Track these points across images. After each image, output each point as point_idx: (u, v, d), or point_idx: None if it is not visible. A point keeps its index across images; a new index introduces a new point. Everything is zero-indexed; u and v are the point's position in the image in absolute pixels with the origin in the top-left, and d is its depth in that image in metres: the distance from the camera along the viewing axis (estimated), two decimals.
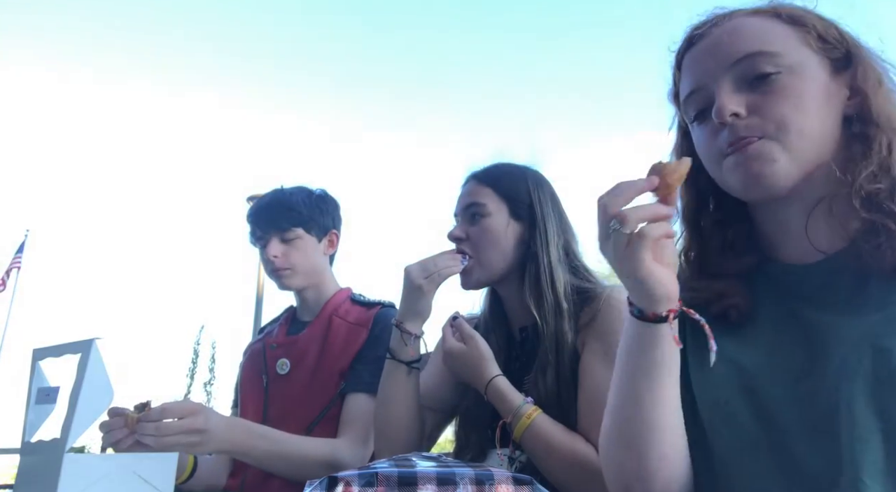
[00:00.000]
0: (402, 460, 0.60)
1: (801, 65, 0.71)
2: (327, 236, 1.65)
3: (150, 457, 0.91)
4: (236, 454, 1.29)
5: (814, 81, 0.71)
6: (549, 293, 1.17)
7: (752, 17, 0.75)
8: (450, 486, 0.54)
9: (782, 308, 0.72)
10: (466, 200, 1.26)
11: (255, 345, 1.68)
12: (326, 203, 1.66)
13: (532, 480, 0.57)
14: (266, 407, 1.52)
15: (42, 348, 0.96)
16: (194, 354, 8.46)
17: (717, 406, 0.72)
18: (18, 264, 14.85)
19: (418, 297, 1.19)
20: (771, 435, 0.67)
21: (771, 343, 0.71)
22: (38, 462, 0.87)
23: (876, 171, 0.68)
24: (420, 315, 1.21)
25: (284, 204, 1.58)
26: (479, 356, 1.15)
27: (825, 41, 0.73)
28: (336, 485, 0.54)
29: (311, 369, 1.51)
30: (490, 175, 1.29)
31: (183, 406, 1.16)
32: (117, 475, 0.84)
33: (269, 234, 1.57)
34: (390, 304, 1.58)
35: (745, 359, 0.72)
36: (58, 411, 0.89)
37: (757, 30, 0.74)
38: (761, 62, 0.71)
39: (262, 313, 9.04)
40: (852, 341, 0.64)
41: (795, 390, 0.67)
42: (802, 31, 0.73)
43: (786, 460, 0.66)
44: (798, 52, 0.72)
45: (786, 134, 0.69)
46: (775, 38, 0.73)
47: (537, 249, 1.21)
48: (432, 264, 1.19)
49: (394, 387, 1.21)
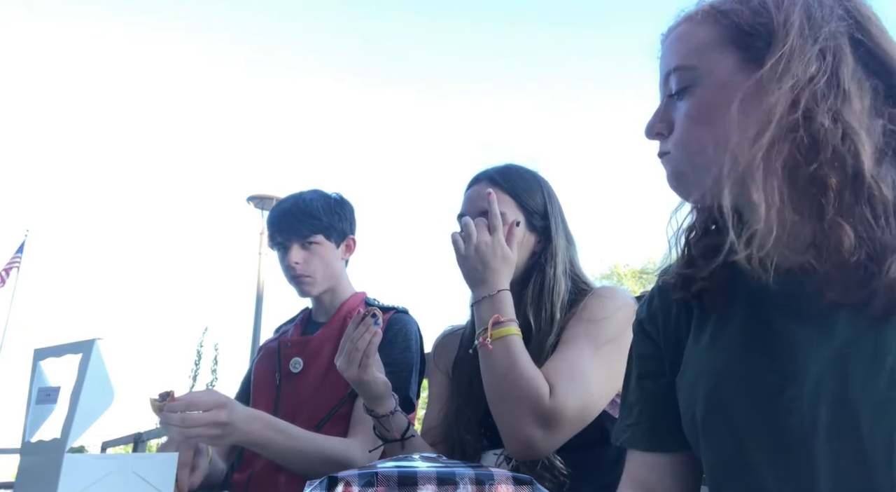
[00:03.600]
0: (402, 460, 0.60)
1: (709, 74, 0.68)
2: (345, 242, 1.68)
3: (150, 457, 0.91)
4: (253, 447, 1.30)
5: (719, 89, 0.67)
6: (548, 304, 1.18)
7: (688, 23, 0.72)
8: (450, 486, 0.54)
9: (756, 312, 0.68)
10: (482, 206, 1.20)
11: (270, 344, 1.71)
12: (344, 208, 1.69)
13: (532, 479, 0.57)
14: (277, 404, 1.55)
15: (43, 348, 0.97)
16: (197, 355, 8.47)
17: (694, 423, 0.71)
18: (18, 264, 14.86)
19: (360, 386, 1.16)
20: (741, 456, 0.65)
21: (743, 348, 0.68)
22: (38, 462, 0.87)
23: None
24: (379, 397, 1.17)
25: (305, 210, 1.60)
26: (504, 263, 1.12)
27: (747, 33, 0.67)
28: (336, 485, 0.54)
29: (323, 368, 1.54)
30: (508, 182, 1.24)
31: (210, 398, 1.17)
32: (117, 475, 0.84)
33: (291, 240, 1.59)
34: (404, 309, 1.60)
35: (718, 364, 0.70)
36: (58, 412, 0.89)
37: (683, 40, 0.71)
38: (679, 78, 0.70)
39: (262, 313, 9.04)
40: (825, 361, 0.60)
41: (766, 410, 0.63)
42: (723, 29, 0.68)
43: (753, 483, 0.64)
44: (711, 59, 0.68)
45: (684, 151, 0.69)
46: (695, 47, 0.69)
47: (546, 262, 1.21)
48: (348, 344, 1.15)
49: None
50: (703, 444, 0.70)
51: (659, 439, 0.77)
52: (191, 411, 1.13)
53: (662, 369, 0.78)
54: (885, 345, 0.58)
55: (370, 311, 1.15)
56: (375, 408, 1.17)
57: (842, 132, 0.60)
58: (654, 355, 0.80)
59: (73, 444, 0.85)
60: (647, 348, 0.82)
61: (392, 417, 1.17)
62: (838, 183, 0.60)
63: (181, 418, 1.12)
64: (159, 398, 1.13)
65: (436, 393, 1.35)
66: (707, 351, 0.72)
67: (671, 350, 0.78)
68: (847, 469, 0.58)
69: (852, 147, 0.60)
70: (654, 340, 0.81)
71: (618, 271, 17.14)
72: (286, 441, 1.30)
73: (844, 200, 0.60)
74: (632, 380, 0.83)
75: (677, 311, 0.78)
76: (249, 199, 9.25)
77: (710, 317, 0.73)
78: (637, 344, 0.84)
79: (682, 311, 0.78)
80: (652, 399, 0.79)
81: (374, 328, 1.14)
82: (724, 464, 0.68)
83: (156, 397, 1.13)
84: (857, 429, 0.57)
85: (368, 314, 1.15)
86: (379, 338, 1.15)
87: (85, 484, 0.82)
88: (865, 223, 0.60)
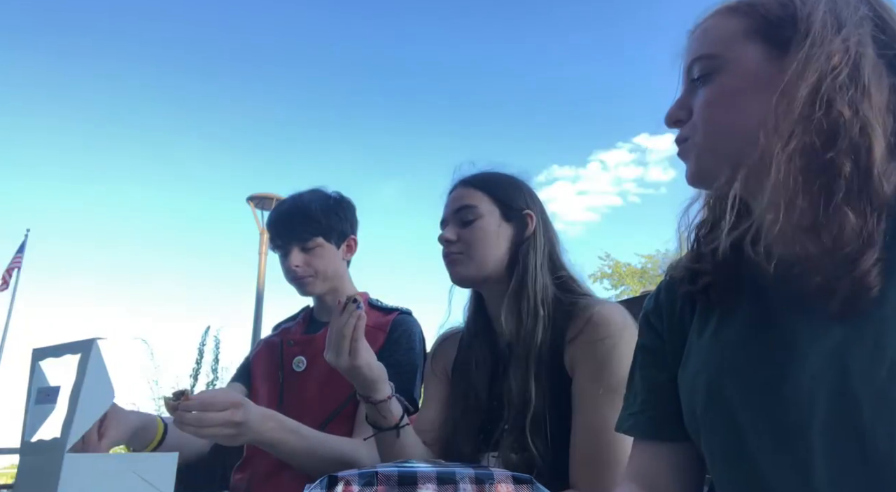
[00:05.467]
0: (402, 460, 0.60)
1: (732, 61, 0.70)
2: (346, 242, 1.67)
3: (151, 457, 0.91)
4: (265, 447, 1.30)
5: (741, 75, 0.69)
6: (531, 295, 1.17)
7: (714, 17, 0.75)
8: (450, 485, 0.54)
9: (759, 307, 0.70)
10: (457, 204, 1.26)
11: (271, 338, 1.70)
12: (343, 208, 1.68)
13: (532, 479, 0.57)
14: (280, 403, 1.54)
15: (42, 348, 0.96)
16: (198, 354, 8.45)
17: (694, 414, 0.72)
18: (19, 264, 14.86)
19: (353, 373, 1.15)
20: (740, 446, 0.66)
21: (745, 342, 0.69)
22: (38, 462, 0.87)
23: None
24: (374, 381, 1.15)
25: (304, 213, 1.60)
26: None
27: (773, 24, 0.69)
28: (336, 484, 0.54)
29: (327, 368, 1.51)
30: (480, 179, 1.29)
31: (225, 398, 1.17)
32: (117, 475, 0.84)
33: (291, 244, 1.59)
34: (408, 311, 1.60)
35: (719, 357, 0.71)
36: (58, 411, 0.89)
37: (709, 32, 0.74)
38: (700, 66, 0.72)
39: (262, 313, 9.04)
40: (826, 353, 0.61)
41: (765, 401, 0.64)
42: (749, 20, 0.71)
43: (752, 475, 0.65)
44: (736, 48, 0.70)
45: (703, 135, 0.71)
46: (720, 37, 0.72)
47: (526, 252, 1.21)
48: (335, 335, 1.14)
49: (394, 450, 1.18)
50: (703, 435, 0.71)
51: (660, 428, 0.79)
52: (205, 410, 1.13)
53: (666, 361, 0.80)
54: (885, 337, 0.58)
55: (350, 297, 1.14)
56: (371, 394, 1.16)
57: (860, 124, 0.62)
58: (658, 348, 0.82)
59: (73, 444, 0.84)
60: (651, 341, 0.83)
61: (389, 402, 1.17)
62: (850, 172, 0.62)
63: (197, 418, 1.11)
64: (173, 397, 1.12)
65: (432, 395, 1.35)
66: (709, 344, 0.73)
67: (675, 343, 0.80)
68: (846, 460, 0.58)
69: (867, 140, 0.62)
70: (658, 333, 0.83)
71: (618, 271, 17.11)
72: (298, 441, 1.29)
73: (853, 189, 0.62)
74: (636, 370, 0.85)
75: (682, 305, 0.80)
76: (249, 199, 9.26)
77: (714, 312, 0.75)
78: (642, 336, 0.86)
79: (687, 305, 0.80)
80: (655, 390, 0.81)
81: (358, 312, 1.13)
82: (724, 455, 0.69)
83: (170, 395, 1.13)
84: (857, 420, 0.57)
85: (349, 300, 1.13)
86: (364, 321, 1.14)
87: (85, 484, 0.82)
88: (862, 216, 0.61)
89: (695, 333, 0.77)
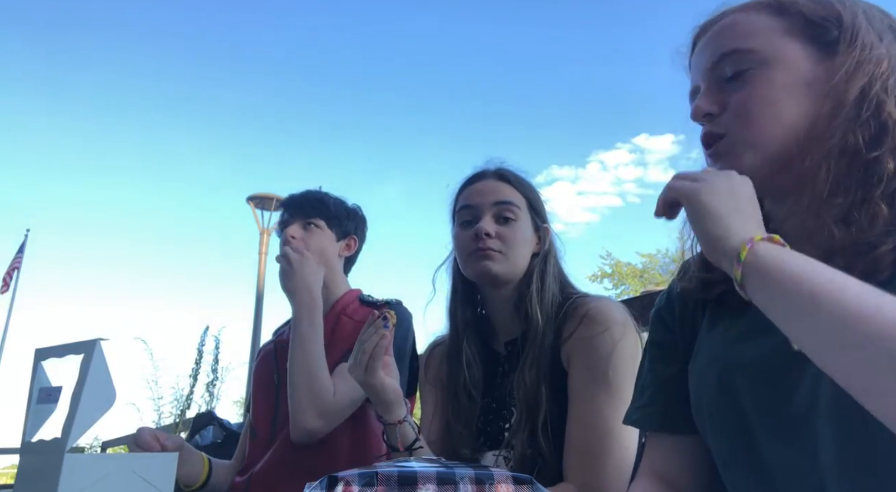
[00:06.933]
0: (402, 460, 0.60)
1: (776, 58, 0.70)
2: (346, 239, 1.72)
3: (151, 457, 0.91)
4: (295, 303, 1.49)
5: (787, 72, 0.69)
6: (548, 302, 1.19)
7: (740, 13, 0.75)
8: (450, 485, 0.54)
9: None
10: (498, 197, 1.24)
11: (267, 346, 1.73)
12: (355, 213, 1.76)
13: (532, 479, 0.57)
14: (277, 403, 1.55)
15: (45, 348, 0.96)
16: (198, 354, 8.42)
17: (701, 407, 0.73)
18: (19, 264, 14.85)
19: (366, 389, 1.14)
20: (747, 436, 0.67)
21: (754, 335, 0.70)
22: (38, 462, 0.87)
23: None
24: (387, 403, 1.13)
25: (316, 197, 1.70)
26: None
27: (815, 25, 0.71)
28: (336, 484, 0.54)
29: None
30: (521, 183, 1.29)
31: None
32: (117, 475, 0.84)
33: (294, 218, 1.66)
34: (397, 302, 1.62)
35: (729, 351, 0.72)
36: (59, 411, 0.89)
37: (739, 27, 0.73)
38: (735, 60, 0.72)
39: (262, 313, 9.03)
40: None
41: (771, 390, 0.65)
42: (787, 19, 0.71)
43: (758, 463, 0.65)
44: (776, 44, 0.71)
45: (748, 129, 0.70)
46: (754, 32, 0.72)
47: (545, 260, 1.24)
48: (357, 346, 1.13)
49: None
50: (710, 428, 0.72)
51: (669, 421, 0.80)
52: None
53: (676, 355, 0.81)
54: None
55: (383, 313, 1.12)
56: (384, 414, 1.14)
57: None
58: (668, 343, 0.84)
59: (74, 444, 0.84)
60: (662, 336, 0.85)
61: (399, 427, 1.14)
62: (893, 170, 0.64)
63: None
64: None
65: (430, 406, 1.34)
66: (720, 339, 0.74)
67: (685, 339, 0.81)
68: (851, 445, 0.59)
69: None
70: (670, 329, 0.84)
71: (619, 271, 17.10)
72: (311, 332, 1.44)
73: (892, 186, 0.64)
74: (646, 364, 0.86)
75: (694, 302, 0.82)
76: (249, 199, 9.25)
77: (726, 309, 0.75)
78: (654, 331, 0.87)
79: (699, 301, 0.81)
80: (664, 383, 0.82)
81: (383, 331, 1.10)
82: (731, 446, 0.70)
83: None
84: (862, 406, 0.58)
85: (381, 316, 1.11)
86: (387, 341, 1.11)
87: (85, 484, 0.82)
88: (893, 208, 0.64)
89: (706, 327, 0.78)
